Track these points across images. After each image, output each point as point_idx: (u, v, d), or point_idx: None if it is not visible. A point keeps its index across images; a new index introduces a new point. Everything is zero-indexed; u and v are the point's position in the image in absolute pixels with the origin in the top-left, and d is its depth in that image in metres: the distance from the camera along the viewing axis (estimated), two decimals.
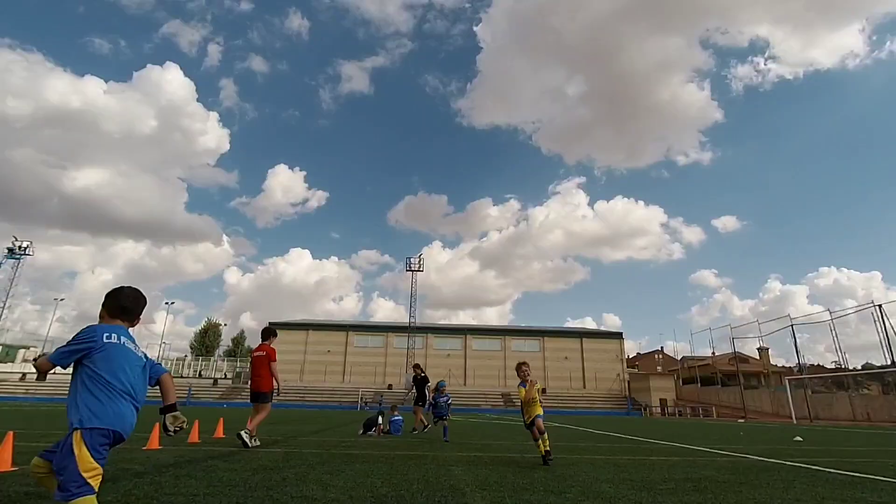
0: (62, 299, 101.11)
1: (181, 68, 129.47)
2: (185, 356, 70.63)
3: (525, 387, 5.89)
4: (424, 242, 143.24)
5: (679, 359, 71.06)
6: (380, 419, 10.50)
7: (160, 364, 2.56)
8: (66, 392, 2.26)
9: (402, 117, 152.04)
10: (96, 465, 2.08)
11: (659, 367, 75.10)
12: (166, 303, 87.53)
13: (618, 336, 60.93)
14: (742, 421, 33.55)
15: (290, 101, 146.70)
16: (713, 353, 56.83)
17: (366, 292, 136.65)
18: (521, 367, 6.13)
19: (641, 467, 5.60)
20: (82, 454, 2.05)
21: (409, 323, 55.80)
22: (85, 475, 2.03)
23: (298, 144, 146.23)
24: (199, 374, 61.84)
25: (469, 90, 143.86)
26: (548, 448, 5.58)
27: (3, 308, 51.97)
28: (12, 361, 61.59)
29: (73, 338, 2.25)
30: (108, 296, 2.47)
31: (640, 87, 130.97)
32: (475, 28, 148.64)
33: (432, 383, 11.27)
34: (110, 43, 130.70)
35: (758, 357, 58.91)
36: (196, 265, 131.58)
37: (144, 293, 2.58)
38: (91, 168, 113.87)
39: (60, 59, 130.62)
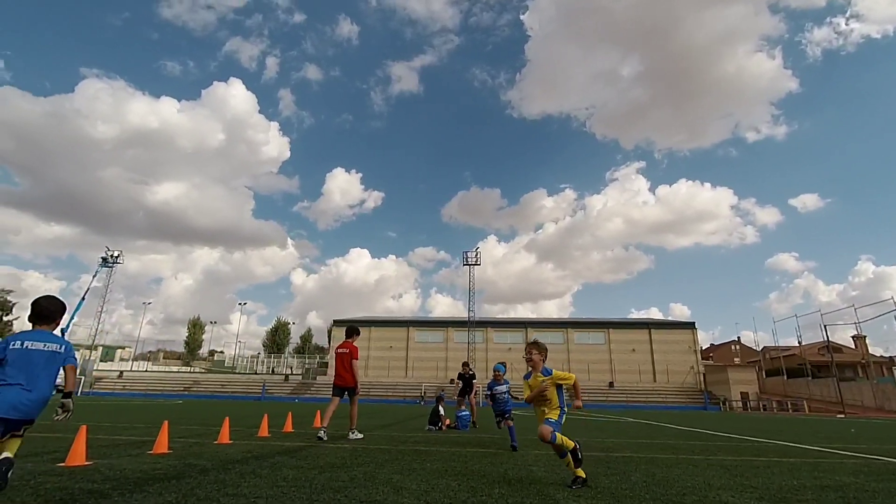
0: (150, 303, 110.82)
1: (243, 83, 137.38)
2: (259, 354, 74.93)
3: (529, 378, 4.00)
4: (479, 237, 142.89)
5: (759, 349, 65.76)
6: (441, 409, 10.14)
7: (74, 357, 3.28)
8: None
9: (452, 113, 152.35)
10: None
11: (736, 359, 69.92)
12: (239, 304, 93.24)
13: (690, 326, 57.32)
14: (842, 416, 30.23)
15: (343, 106, 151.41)
16: (800, 342, 51.86)
17: (423, 289, 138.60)
18: (527, 349, 4.08)
19: (756, 470, 4.79)
20: None
21: (469, 317, 55.49)
22: None
23: (353, 147, 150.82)
24: (272, 371, 65.21)
25: (518, 80, 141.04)
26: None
27: (101, 312, 57.35)
28: (111, 360, 68.09)
29: None
30: (31, 306, 3.14)
31: (702, 61, 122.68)
32: (522, 17, 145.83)
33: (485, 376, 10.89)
34: (180, 64, 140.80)
35: (853, 346, 53.19)
36: (265, 268, 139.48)
37: (62, 299, 3.36)
38: (169, 182, 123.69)
39: (139, 83, 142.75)
